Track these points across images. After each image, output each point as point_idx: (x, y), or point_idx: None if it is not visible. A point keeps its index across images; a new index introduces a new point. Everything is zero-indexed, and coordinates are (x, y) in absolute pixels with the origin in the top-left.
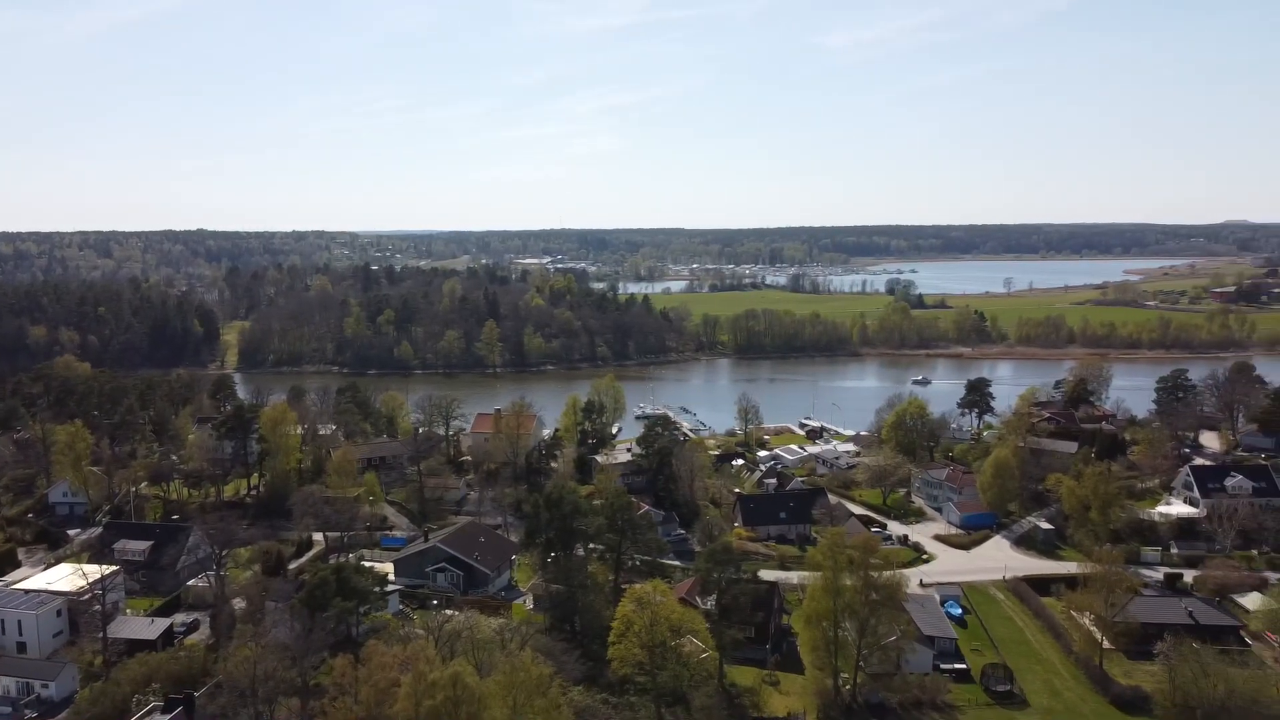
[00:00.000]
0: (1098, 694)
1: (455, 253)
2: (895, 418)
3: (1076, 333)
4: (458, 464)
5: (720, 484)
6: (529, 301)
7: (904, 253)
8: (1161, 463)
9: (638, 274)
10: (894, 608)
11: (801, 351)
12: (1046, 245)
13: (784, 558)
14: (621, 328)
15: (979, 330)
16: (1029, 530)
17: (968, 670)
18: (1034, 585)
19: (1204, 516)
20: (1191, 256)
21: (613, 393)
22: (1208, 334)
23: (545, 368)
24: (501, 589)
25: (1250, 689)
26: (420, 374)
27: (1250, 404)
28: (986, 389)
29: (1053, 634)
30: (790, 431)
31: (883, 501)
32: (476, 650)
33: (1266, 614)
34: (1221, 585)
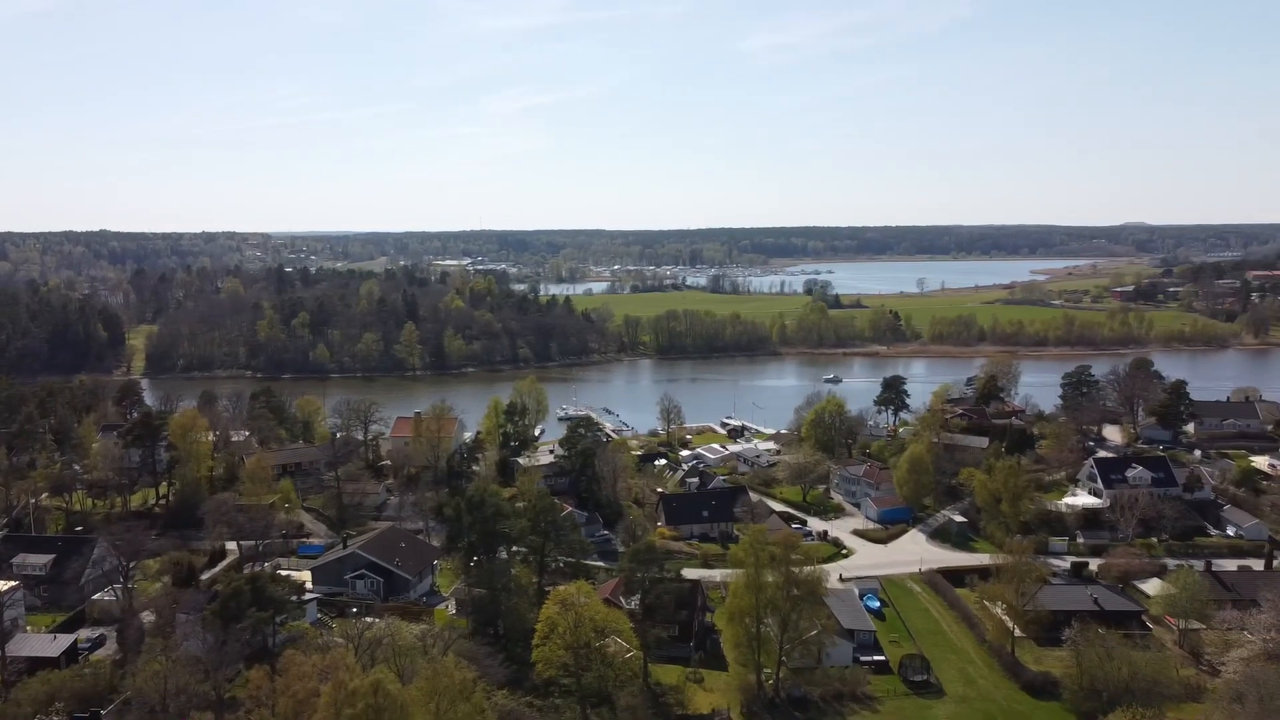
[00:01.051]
0: (1010, 681)
1: (373, 254)
2: (814, 416)
3: (986, 331)
4: (377, 469)
5: (643, 484)
6: (449, 303)
7: (821, 253)
8: (1067, 456)
9: (559, 275)
10: (815, 602)
11: (722, 351)
12: (958, 246)
13: (707, 556)
14: (543, 329)
15: (894, 329)
16: (943, 523)
17: (886, 662)
18: (949, 577)
19: (1107, 507)
20: (1094, 257)
21: (535, 394)
22: (1109, 331)
23: (466, 370)
24: (423, 594)
25: (1151, 671)
26: (337, 377)
27: (1149, 398)
28: (901, 387)
29: (967, 624)
30: (712, 431)
31: (803, 498)
32: (398, 657)
33: (1165, 599)
34: (1124, 572)
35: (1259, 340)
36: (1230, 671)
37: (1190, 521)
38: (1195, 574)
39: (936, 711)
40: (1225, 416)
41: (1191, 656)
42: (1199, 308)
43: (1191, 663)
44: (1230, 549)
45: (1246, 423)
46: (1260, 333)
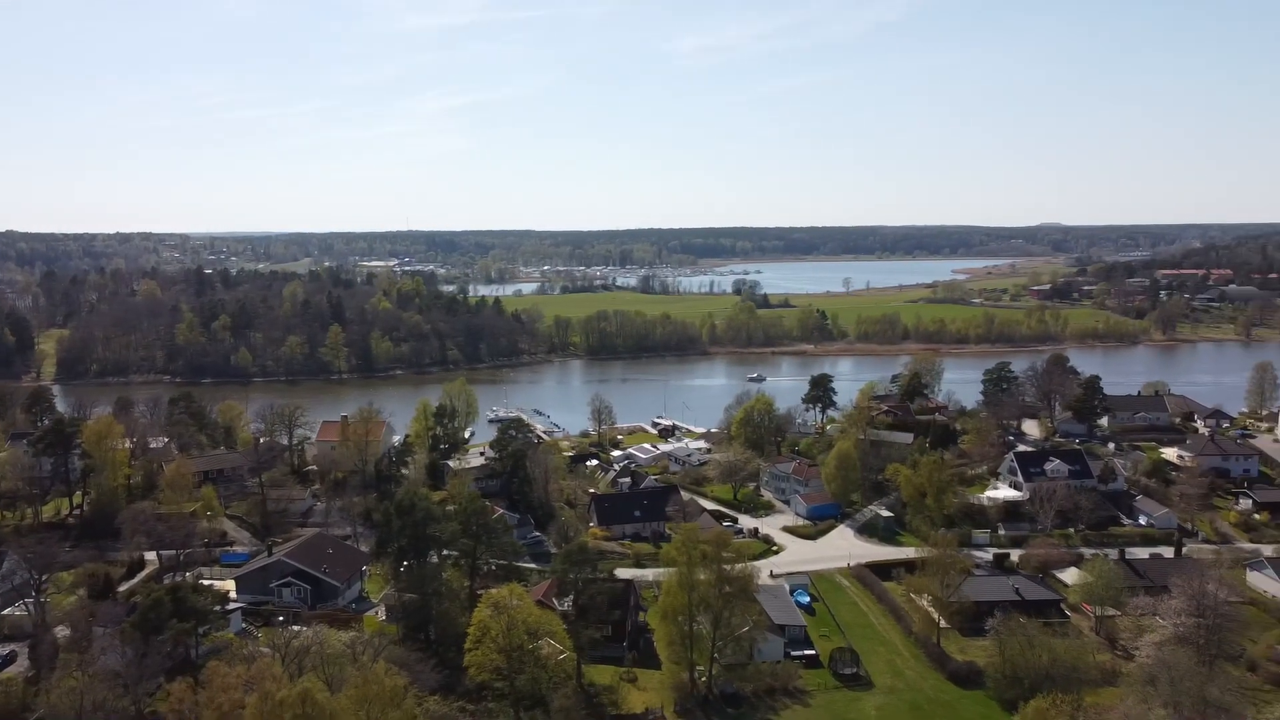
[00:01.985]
0: (936, 671)
1: (296, 255)
2: (744, 414)
3: (910, 329)
4: (303, 474)
5: (575, 485)
6: (376, 305)
7: (749, 254)
8: (989, 450)
9: (488, 276)
10: (746, 599)
11: (653, 351)
12: (882, 246)
13: (639, 555)
14: (473, 331)
15: (821, 328)
16: (871, 518)
17: (817, 656)
18: (876, 571)
19: (1027, 499)
20: (1012, 257)
21: (465, 396)
22: (1027, 329)
23: (394, 372)
24: (352, 601)
25: (1070, 657)
26: (260, 382)
27: (1065, 393)
28: (829, 385)
29: (894, 616)
30: (643, 430)
31: (733, 496)
32: (326, 665)
33: (1082, 587)
34: (1043, 563)
35: (1167, 337)
36: (1143, 656)
37: (1105, 512)
38: (1110, 563)
39: (866, 703)
40: (1136, 410)
41: (1107, 642)
42: (1111, 306)
43: (1107, 648)
44: (1142, 538)
45: (1156, 416)
46: (1168, 329)
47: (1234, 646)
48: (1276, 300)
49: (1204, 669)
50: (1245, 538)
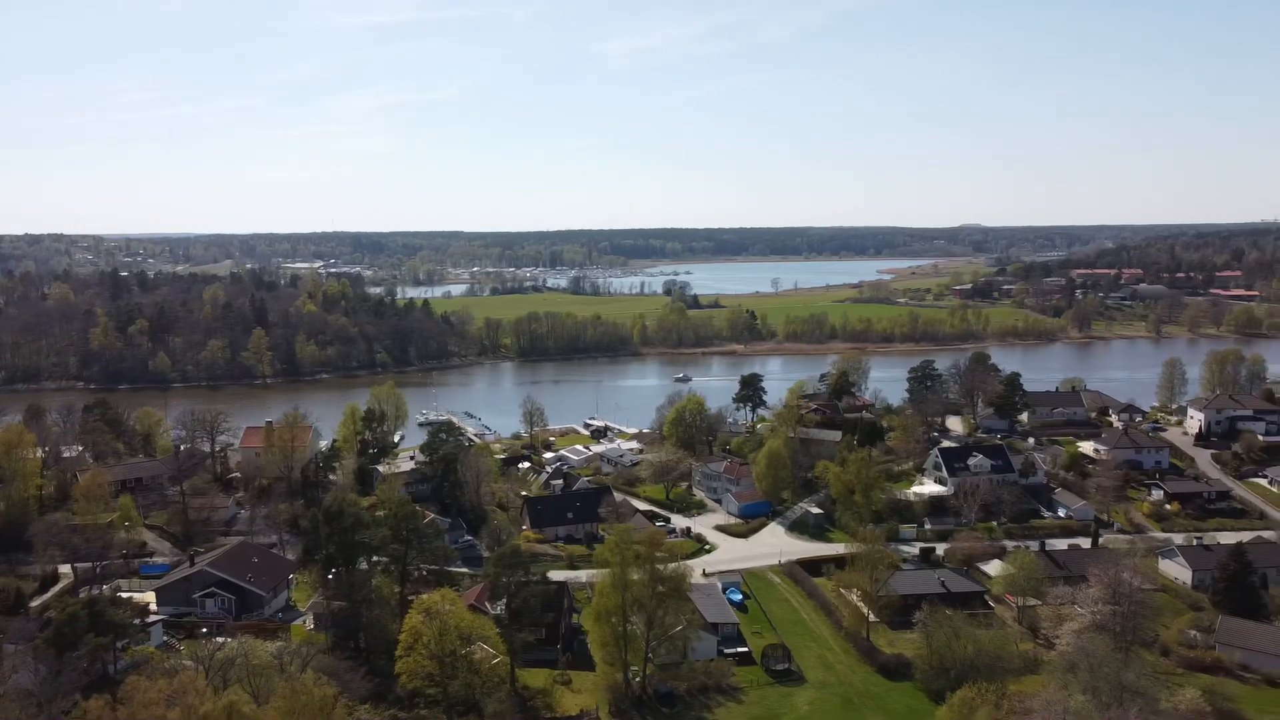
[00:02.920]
0: (866, 664)
1: (217, 257)
2: (675, 415)
3: (838, 329)
4: (226, 481)
5: (507, 487)
6: (301, 307)
7: (679, 255)
8: (914, 446)
9: (416, 278)
10: (680, 598)
11: (584, 353)
12: (809, 247)
13: (572, 557)
14: (401, 333)
15: (750, 328)
16: (801, 516)
17: (749, 653)
18: (807, 567)
19: (951, 494)
20: (934, 257)
21: (394, 400)
22: (950, 327)
23: (320, 376)
24: (278, 610)
25: (994, 647)
26: (180, 387)
27: (987, 390)
28: (759, 384)
29: (825, 612)
30: (575, 432)
31: (666, 496)
32: (253, 677)
33: (1005, 579)
34: (968, 555)
35: (1082, 334)
36: (1064, 644)
37: (1026, 505)
38: (1031, 554)
39: (797, 698)
40: (1055, 406)
41: (1029, 631)
42: (1030, 304)
43: (1030, 637)
44: (1061, 529)
45: (1073, 411)
46: (1083, 327)
47: (1148, 632)
48: (1184, 299)
49: (1120, 655)
50: (1157, 527)
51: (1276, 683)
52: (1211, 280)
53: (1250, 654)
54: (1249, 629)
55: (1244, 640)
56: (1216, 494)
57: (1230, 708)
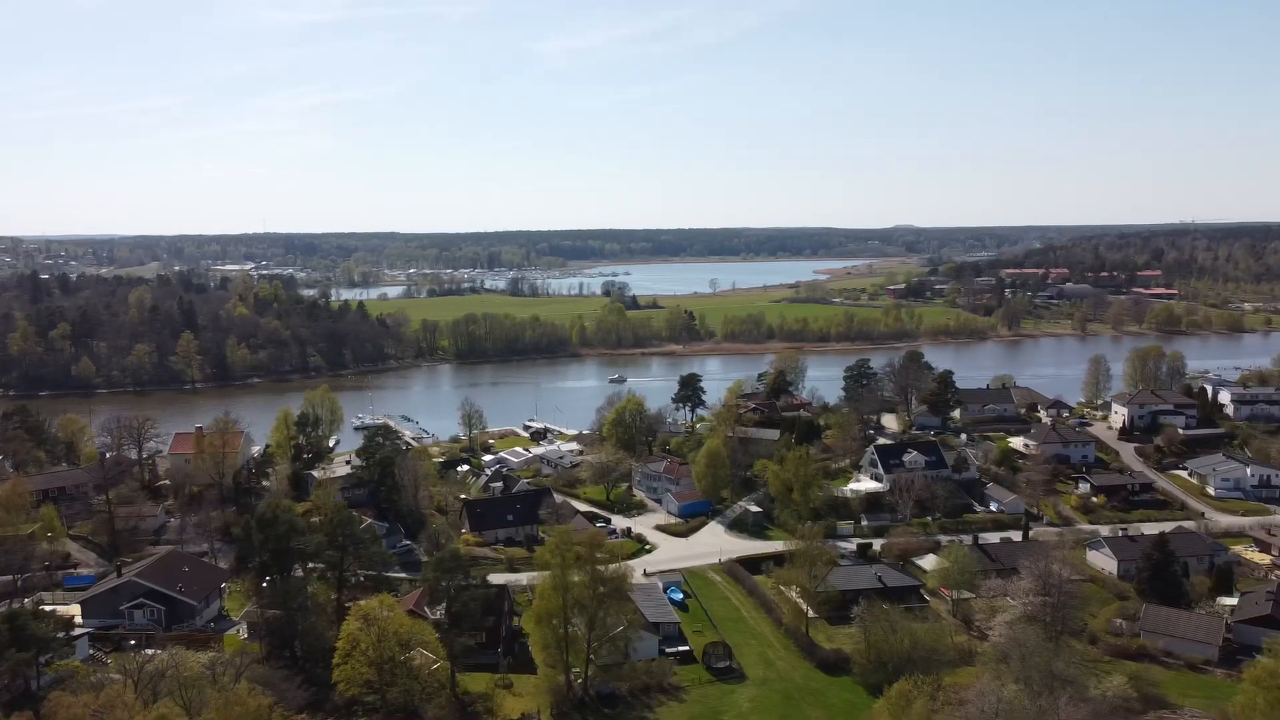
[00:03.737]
0: (806, 660)
1: (143, 259)
2: (615, 415)
3: (775, 329)
4: (154, 489)
5: (446, 491)
6: (231, 310)
7: (618, 255)
8: (851, 444)
9: (351, 280)
10: (620, 599)
11: (523, 354)
12: (747, 248)
13: (513, 560)
14: (336, 336)
15: (689, 329)
16: (740, 514)
17: (691, 651)
18: (747, 565)
19: (887, 490)
20: (869, 257)
21: (328, 404)
22: (885, 326)
23: (252, 381)
24: (210, 621)
25: (930, 640)
26: (105, 393)
27: (920, 387)
28: (698, 384)
29: (765, 609)
30: (515, 434)
31: (606, 497)
32: (184, 689)
33: (940, 572)
34: (904, 550)
35: (1012, 333)
36: (996, 635)
37: (959, 500)
38: (964, 548)
39: (739, 695)
40: (986, 402)
41: (964, 624)
42: (961, 304)
43: (964, 629)
44: (993, 523)
45: (1004, 407)
46: (1013, 325)
47: (1076, 622)
48: (1108, 297)
49: (1051, 644)
50: (1085, 519)
51: (1198, 668)
52: (1133, 279)
53: (1173, 640)
54: (1171, 616)
55: (1167, 627)
56: (1140, 486)
57: (1154, 693)
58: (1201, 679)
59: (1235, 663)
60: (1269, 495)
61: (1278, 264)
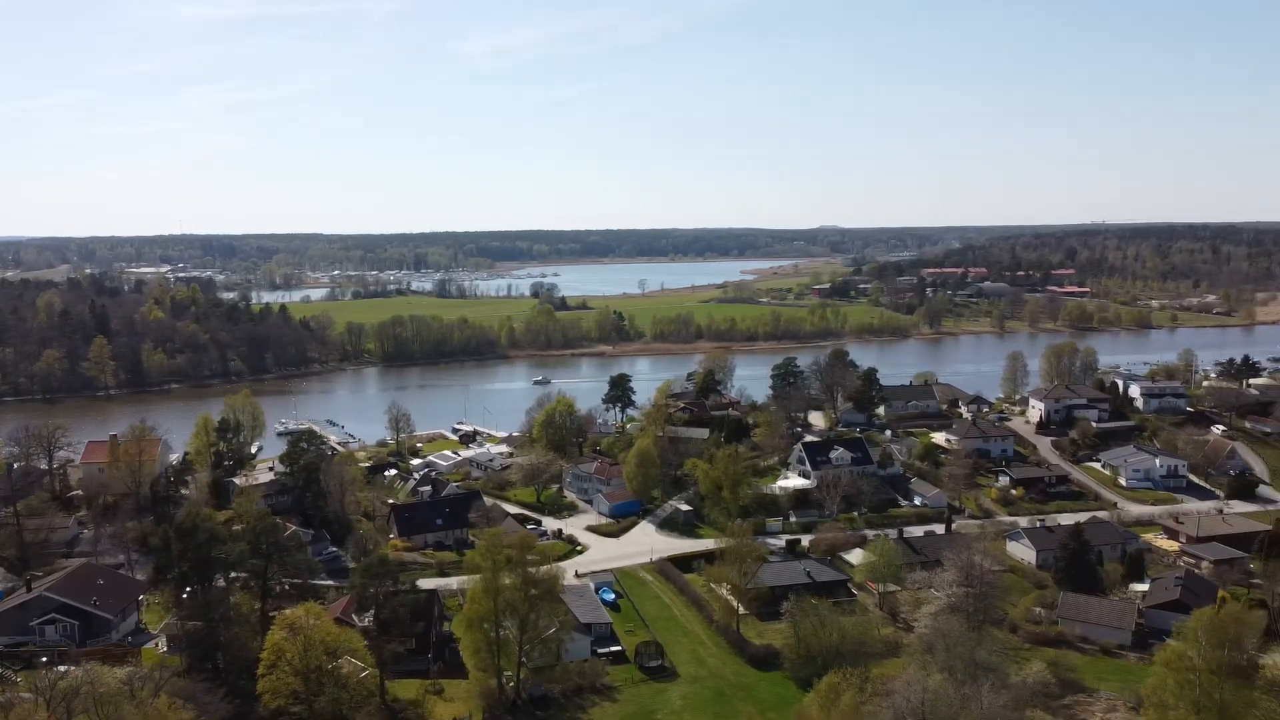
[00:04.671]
0: (737, 657)
1: (52, 261)
2: (545, 417)
3: (703, 329)
4: (66, 500)
5: (373, 496)
6: (147, 314)
7: (546, 257)
8: (779, 442)
9: (273, 282)
10: (552, 600)
11: (451, 356)
12: (675, 248)
13: (442, 564)
14: (257, 340)
15: (618, 329)
16: (671, 513)
17: (623, 651)
18: (678, 564)
19: (815, 486)
20: (794, 257)
21: (250, 409)
22: (811, 326)
23: (169, 386)
24: (128, 635)
25: (858, 633)
26: (12, 401)
27: (846, 385)
28: (627, 384)
29: (696, 606)
30: (443, 437)
31: (537, 499)
32: (101, 706)
33: (866, 566)
34: (831, 545)
35: (933, 331)
36: (921, 626)
37: (884, 495)
38: (890, 542)
39: (671, 694)
40: (909, 399)
41: (890, 616)
42: (885, 302)
43: (890, 622)
44: (918, 517)
45: (926, 404)
46: (934, 324)
47: (998, 611)
48: (1024, 295)
49: (973, 634)
50: (1004, 511)
51: (1112, 652)
52: (1048, 278)
53: (1088, 626)
54: (1087, 603)
55: (1083, 614)
56: (1056, 478)
57: (1072, 677)
58: (1116, 663)
59: (1147, 646)
60: (1176, 485)
61: (1182, 263)
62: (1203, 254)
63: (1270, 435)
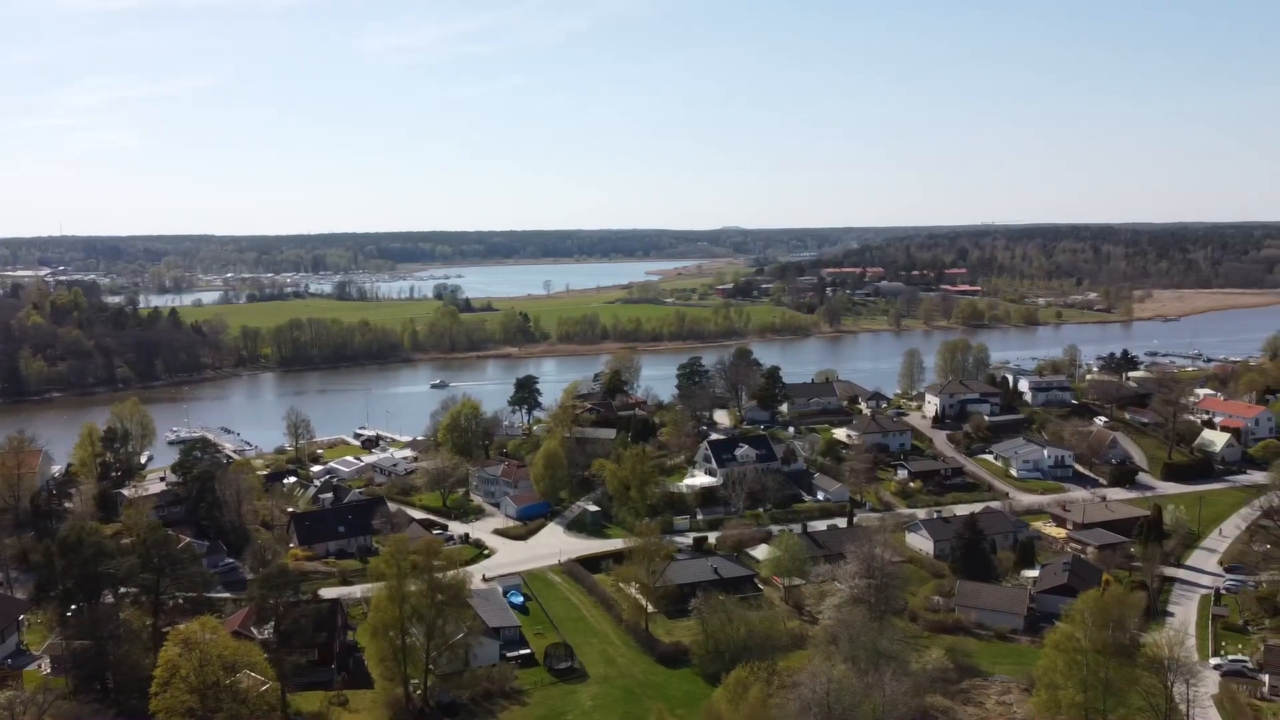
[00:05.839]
0: (646, 655)
1: None
2: (450, 420)
3: (609, 329)
4: None
5: (272, 504)
6: (25, 319)
7: (450, 258)
8: (685, 440)
9: (162, 285)
10: (459, 605)
11: (352, 360)
12: (580, 249)
13: (345, 573)
14: (146, 345)
15: (524, 331)
16: (579, 514)
17: (532, 654)
18: (586, 564)
19: (721, 484)
20: (698, 258)
21: (139, 418)
22: (715, 325)
23: (51, 395)
24: (8, 656)
25: (764, 627)
26: None
27: (750, 383)
28: (534, 386)
29: (605, 606)
30: (345, 443)
31: (443, 503)
32: None
33: (772, 562)
34: (738, 542)
35: (833, 329)
36: (826, 618)
37: (789, 491)
38: (795, 537)
39: (581, 695)
40: (811, 396)
41: (795, 609)
42: (786, 302)
43: (796, 615)
44: (821, 511)
45: (828, 400)
46: (834, 322)
47: (898, 601)
48: (919, 294)
49: (875, 624)
50: (903, 504)
51: (1006, 637)
52: (941, 277)
53: (984, 613)
54: (982, 590)
55: (978, 601)
56: (952, 471)
57: (969, 663)
58: (1010, 647)
59: (1038, 630)
60: (1063, 474)
61: (1066, 262)
62: (1085, 254)
63: (1148, 426)
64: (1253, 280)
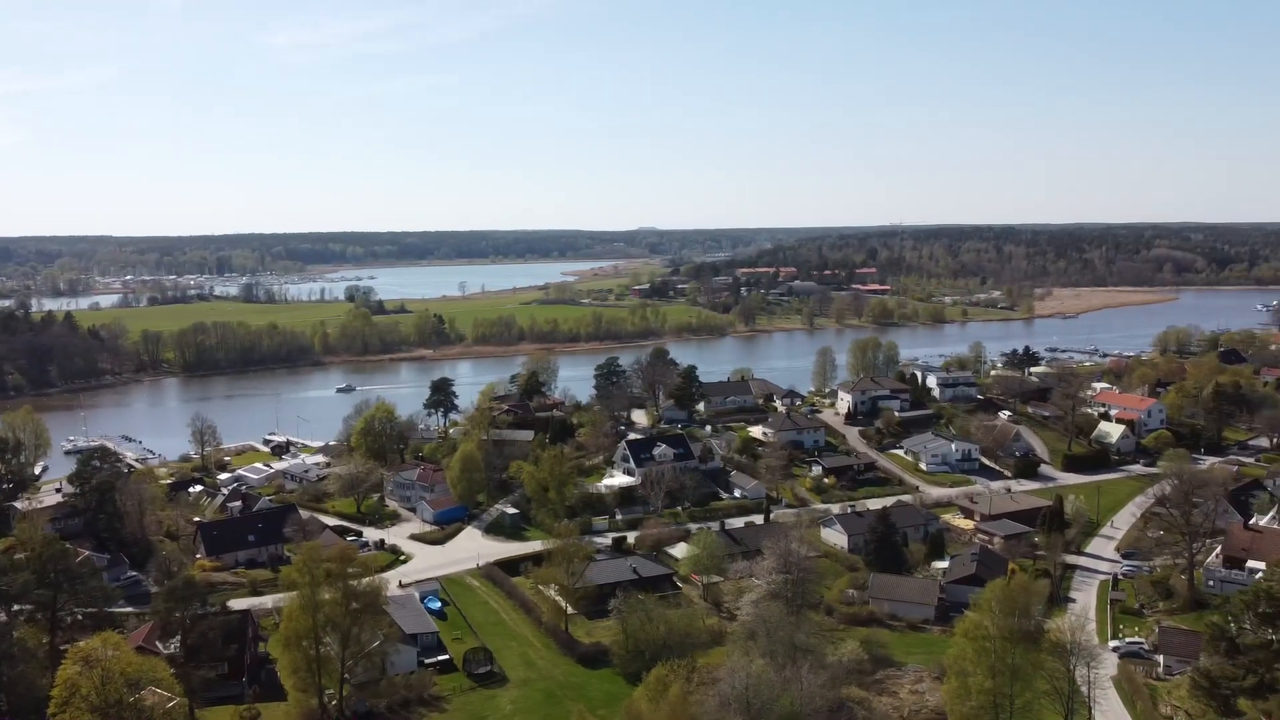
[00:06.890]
0: (567, 657)
1: None
2: (364, 424)
3: (526, 330)
4: None
5: (177, 514)
6: None
7: (362, 259)
8: (604, 440)
9: (56, 288)
10: (375, 613)
11: (260, 364)
12: (495, 250)
13: (255, 583)
14: (38, 351)
15: (439, 332)
16: (497, 517)
17: (451, 660)
18: (505, 568)
19: (640, 483)
20: (614, 259)
21: (31, 427)
22: (632, 325)
23: None
24: None
25: (683, 625)
26: None
27: (667, 383)
28: (449, 388)
29: (524, 609)
30: (254, 449)
31: (357, 509)
32: None
33: (690, 560)
34: (657, 541)
35: (748, 328)
36: (744, 614)
37: (706, 489)
38: (712, 534)
39: (501, 699)
40: (727, 395)
41: (714, 606)
42: (702, 302)
43: (714, 611)
44: (738, 509)
45: (743, 399)
46: (749, 321)
47: (814, 595)
48: (831, 294)
49: (792, 619)
50: (818, 499)
51: (918, 627)
52: (852, 277)
53: (897, 604)
54: (894, 583)
55: (891, 593)
56: (864, 466)
57: (883, 654)
58: (922, 637)
59: (948, 619)
60: (970, 468)
61: (971, 261)
62: (988, 253)
63: (1049, 419)
64: (1144, 279)
